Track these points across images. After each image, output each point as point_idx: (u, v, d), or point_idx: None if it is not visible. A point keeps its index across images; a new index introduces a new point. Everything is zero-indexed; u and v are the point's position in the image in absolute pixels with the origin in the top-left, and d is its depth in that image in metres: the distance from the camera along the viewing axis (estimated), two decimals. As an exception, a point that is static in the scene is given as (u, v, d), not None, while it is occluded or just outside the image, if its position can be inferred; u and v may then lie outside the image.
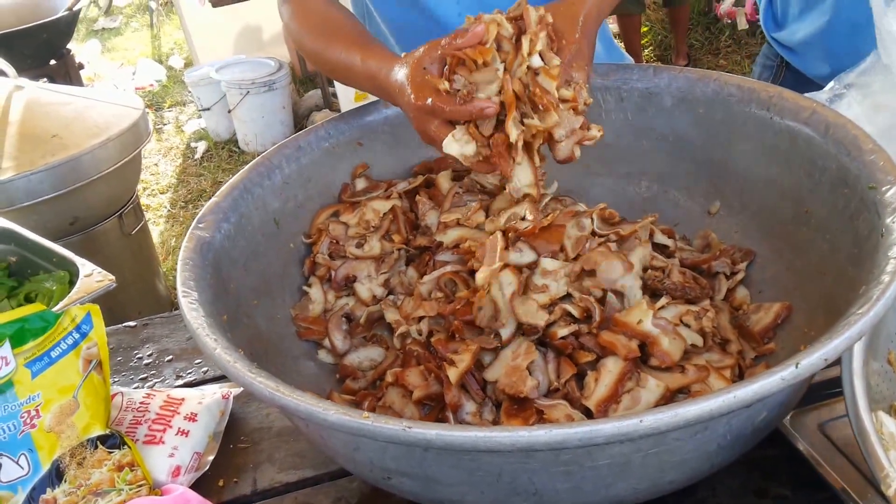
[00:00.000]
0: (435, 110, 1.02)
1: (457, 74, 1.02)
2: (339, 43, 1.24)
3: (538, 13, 1.03)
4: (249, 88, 4.87)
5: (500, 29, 1.02)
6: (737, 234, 1.15)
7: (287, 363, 1.10)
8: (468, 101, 1.00)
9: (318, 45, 1.28)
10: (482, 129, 1.04)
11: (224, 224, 1.06)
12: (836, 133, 0.98)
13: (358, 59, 1.19)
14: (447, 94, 1.01)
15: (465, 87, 1.01)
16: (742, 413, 0.74)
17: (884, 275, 0.76)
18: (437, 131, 1.04)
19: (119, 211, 2.85)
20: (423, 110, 1.03)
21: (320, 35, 1.28)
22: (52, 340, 0.94)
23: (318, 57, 1.30)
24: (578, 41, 1.04)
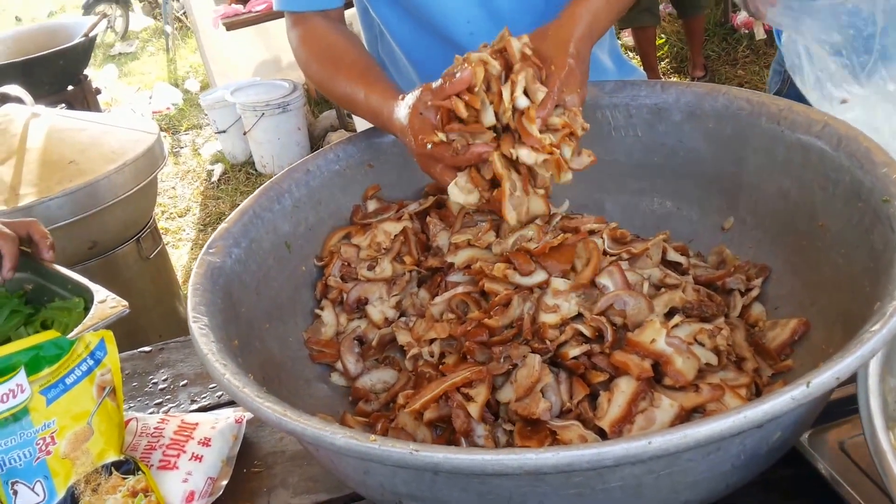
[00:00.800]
0: (436, 157, 1.07)
1: (451, 124, 1.06)
2: (343, 74, 1.28)
3: (521, 43, 1.05)
4: (264, 110, 4.93)
5: (488, 67, 1.04)
6: (751, 249, 1.15)
7: (300, 386, 1.11)
8: (466, 150, 1.04)
9: (324, 74, 1.32)
10: (483, 173, 1.07)
11: (234, 249, 1.08)
12: (849, 146, 0.98)
13: (361, 93, 1.23)
14: (444, 143, 1.06)
15: (459, 136, 1.06)
16: (755, 433, 0.74)
17: (898, 290, 0.76)
18: (443, 174, 1.09)
19: (137, 235, 2.88)
20: (426, 156, 1.09)
21: (326, 63, 1.32)
22: (66, 367, 0.96)
23: (323, 85, 1.34)
24: (569, 65, 1.06)
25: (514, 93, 1.03)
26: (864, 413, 0.77)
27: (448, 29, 1.43)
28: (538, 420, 0.95)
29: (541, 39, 1.09)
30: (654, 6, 4.83)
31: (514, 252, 1.14)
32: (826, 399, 0.85)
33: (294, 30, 1.40)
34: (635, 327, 1.00)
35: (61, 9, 11.86)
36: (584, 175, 1.32)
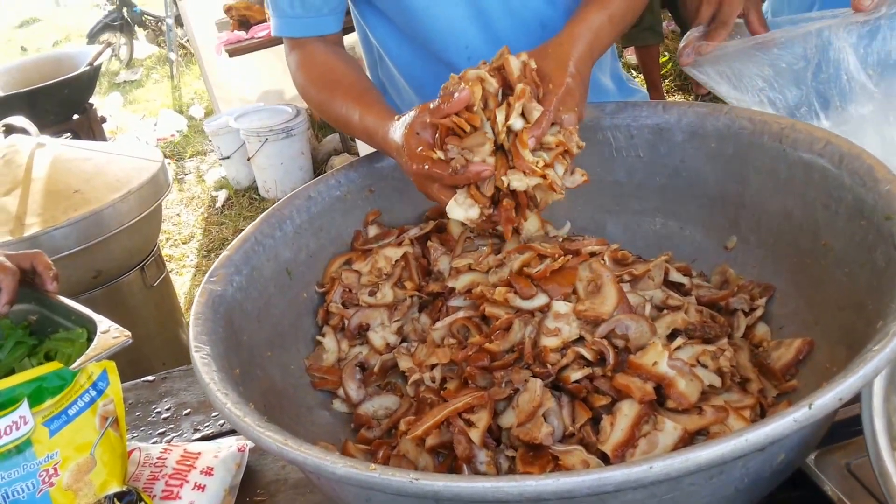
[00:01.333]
0: (433, 176, 1.07)
1: (449, 143, 1.06)
2: (340, 96, 1.29)
3: (520, 60, 1.06)
4: (267, 136, 4.97)
5: (485, 85, 1.05)
6: (755, 268, 1.15)
7: (302, 414, 1.11)
8: (464, 168, 1.04)
9: (321, 97, 1.34)
10: (483, 190, 1.07)
11: (236, 277, 1.09)
12: (851, 163, 0.98)
13: (357, 115, 1.25)
14: (441, 161, 1.05)
15: (458, 154, 1.05)
16: (758, 456, 0.74)
17: (900, 309, 0.76)
18: (439, 194, 1.09)
19: (141, 263, 2.90)
20: (422, 175, 1.08)
21: (323, 86, 1.33)
22: (69, 398, 0.97)
23: (320, 108, 1.36)
24: (567, 83, 1.07)
25: (509, 116, 1.04)
26: (868, 433, 0.77)
27: (447, 53, 1.44)
28: (540, 445, 0.95)
29: (541, 57, 1.10)
30: (658, 24, 4.85)
31: (515, 276, 1.15)
32: (831, 419, 0.85)
33: (292, 54, 1.42)
34: (637, 350, 1.00)
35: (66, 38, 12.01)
36: (585, 196, 1.33)
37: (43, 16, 14.03)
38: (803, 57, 1.22)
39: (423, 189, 1.12)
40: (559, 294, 1.10)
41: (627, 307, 1.06)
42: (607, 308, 1.06)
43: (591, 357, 1.01)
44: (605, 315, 1.05)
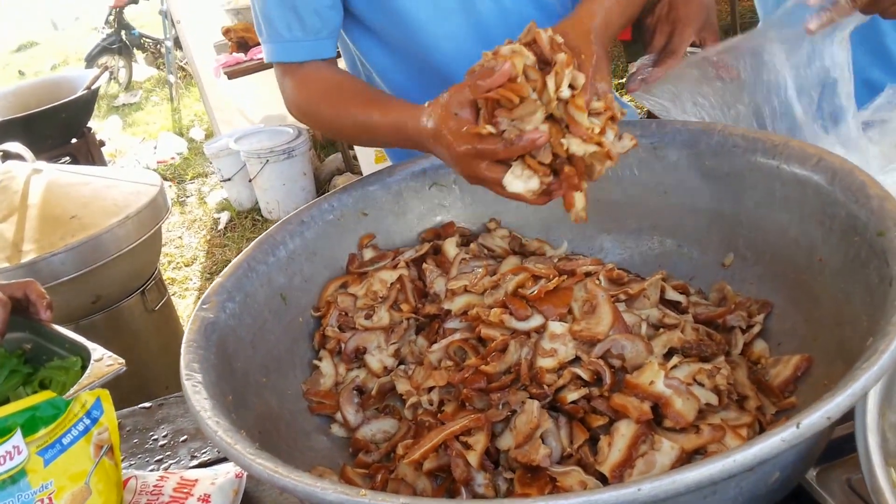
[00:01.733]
0: (484, 153, 1.03)
1: (498, 116, 1.02)
2: (352, 105, 1.27)
3: (548, 35, 1.04)
4: (268, 157, 4.99)
5: (523, 58, 1.02)
6: (752, 285, 1.16)
7: (299, 439, 1.12)
8: (519, 138, 1.00)
9: (330, 111, 1.31)
10: (541, 158, 1.04)
11: (229, 303, 1.10)
12: (844, 180, 1.00)
13: (377, 115, 1.22)
14: (492, 136, 1.02)
15: (510, 126, 1.02)
16: (750, 475, 0.74)
17: (889, 325, 0.77)
18: (489, 172, 1.04)
19: (141, 287, 2.91)
20: (469, 155, 1.04)
21: (330, 101, 1.31)
22: (63, 427, 0.97)
23: (332, 123, 1.33)
24: (596, 52, 1.07)
25: (559, 84, 1.01)
26: (862, 450, 0.78)
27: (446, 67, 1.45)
28: (538, 467, 0.96)
29: (563, 32, 1.08)
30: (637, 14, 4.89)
31: (511, 297, 1.16)
32: (827, 436, 0.86)
33: (286, 79, 1.40)
34: (634, 369, 1.01)
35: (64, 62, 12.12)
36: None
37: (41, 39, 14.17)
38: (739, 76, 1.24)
39: (468, 170, 1.07)
40: (555, 315, 1.11)
41: (623, 327, 1.07)
42: (603, 328, 1.07)
43: (588, 377, 1.02)
44: (601, 335, 1.06)
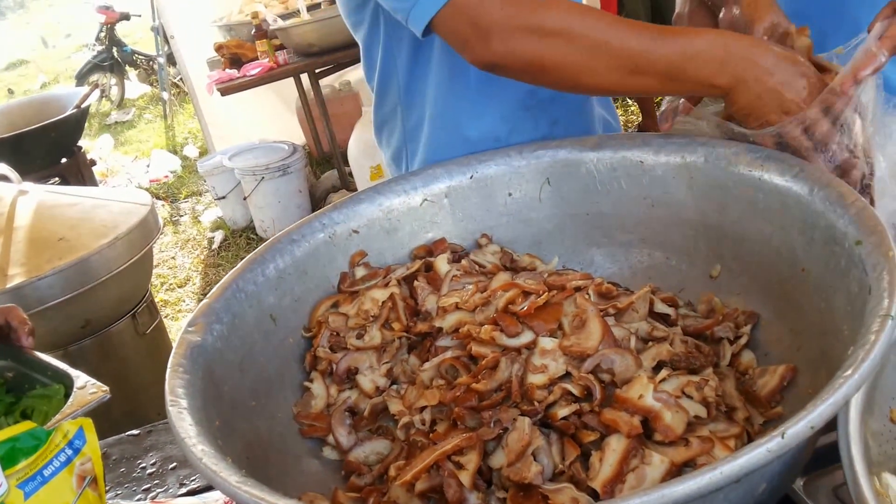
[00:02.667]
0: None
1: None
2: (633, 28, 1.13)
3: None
4: (263, 174, 5.02)
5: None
6: (739, 296, 1.19)
7: (289, 463, 1.14)
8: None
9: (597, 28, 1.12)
10: None
11: (216, 325, 1.12)
12: (823, 189, 1.02)
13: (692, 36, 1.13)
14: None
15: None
16: (737, 487, 0.76)
17: (870, 334, 0.79)
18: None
19: (132, 310, 2.92)
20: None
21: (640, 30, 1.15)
22: (44, 458, 0.97)
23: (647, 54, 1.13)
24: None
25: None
26: (846, 459, 0.80)
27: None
28: (530, 485, 0.98)
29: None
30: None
31: (501, 314, 1.19)
32: (812, 445, 0.88)
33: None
34: (623, 383, 1.03)
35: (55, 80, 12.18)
36: (572, 229, 1.38)
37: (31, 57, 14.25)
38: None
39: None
40: (545, 330, 1.14)
41: (612, 341, 1.09)
42: (592, 343, 1.09)
43: (578, 392, 1.04)
44: (591, 350, 1.08)
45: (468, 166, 1.44)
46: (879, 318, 0.80)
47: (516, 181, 1.43)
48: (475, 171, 1.43)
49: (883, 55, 1.11)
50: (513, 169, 1.43)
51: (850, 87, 1.11)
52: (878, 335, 0.78)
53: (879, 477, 0.84)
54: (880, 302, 0.82)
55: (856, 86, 1.11)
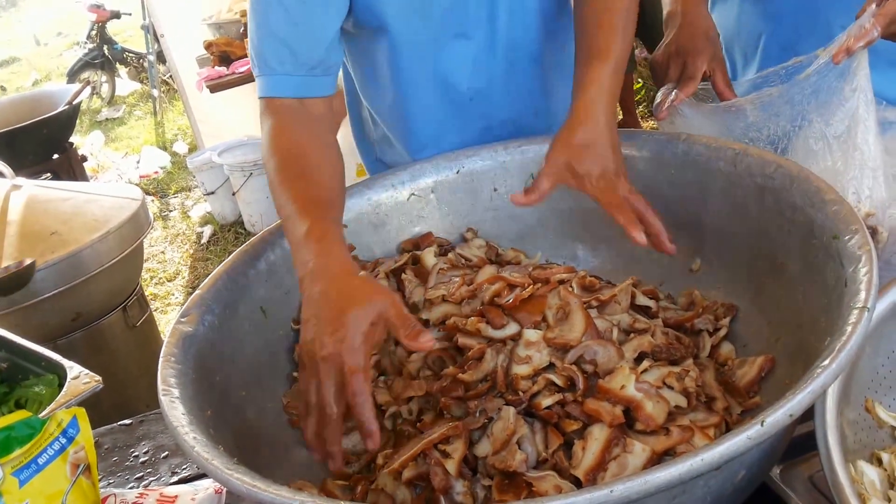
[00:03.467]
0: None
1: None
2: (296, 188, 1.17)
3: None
4: (252, 170, 4.99)
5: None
6: (719, 289, 1.19)
7: (278, 452, 1.13)
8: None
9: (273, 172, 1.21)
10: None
11: (208, 316, 1.11)
12: (801, 185, 1.03)
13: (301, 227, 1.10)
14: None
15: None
16: (717, 474, 0.77)
17: (846, 325, 0.80)
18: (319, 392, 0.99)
19: (123, 303, 2.90)
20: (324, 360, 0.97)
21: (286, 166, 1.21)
22: (38, 447, 0.96)
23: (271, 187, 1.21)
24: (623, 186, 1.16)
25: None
26: (822, 447, 0.80)
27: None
28: (515, 473, 0.98)
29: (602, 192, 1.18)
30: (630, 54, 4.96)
31: (487, 306, 1.18)
32: (790, 434, 0.89)
33: (268, 119, 1.28)
34: (606, 374, 1.03)
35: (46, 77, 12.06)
36: (556, 224, 1.38)
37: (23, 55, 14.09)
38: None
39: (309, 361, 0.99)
40: (529, 322, 1.13)
41: (595, 333, 1.09)
42: (575, 334, 1.09)
43: (562, 383, 1.04)
44: (574, 342, 1.08)
45: (455, 161, 1.43)
46: (856, 310, 0.81)
47: (502, 176, 1.43)
48: (461, 166, 1.43)
49: (876, 30, 1.14)
50: (498, 164, 1.43)
51: (843, 58, 1.16)
52: (855, 327, 0.79)
53: (855, 465, 0.84)
54: (857, 294, 0.83)
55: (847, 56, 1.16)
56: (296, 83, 1.28)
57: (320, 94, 1.30)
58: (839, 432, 0.82)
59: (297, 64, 1.27)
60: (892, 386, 0.98)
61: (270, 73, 1.28)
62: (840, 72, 1.19)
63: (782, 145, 1.27)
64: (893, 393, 0.98)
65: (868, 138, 1.17)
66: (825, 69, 1.20)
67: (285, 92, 1.28)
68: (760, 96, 1.29)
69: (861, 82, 1.18)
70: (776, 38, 1.54)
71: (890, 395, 0.97)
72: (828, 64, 1.19)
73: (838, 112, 1.20)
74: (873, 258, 0.86)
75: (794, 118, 1.26)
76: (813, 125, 1.23)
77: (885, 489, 0.84)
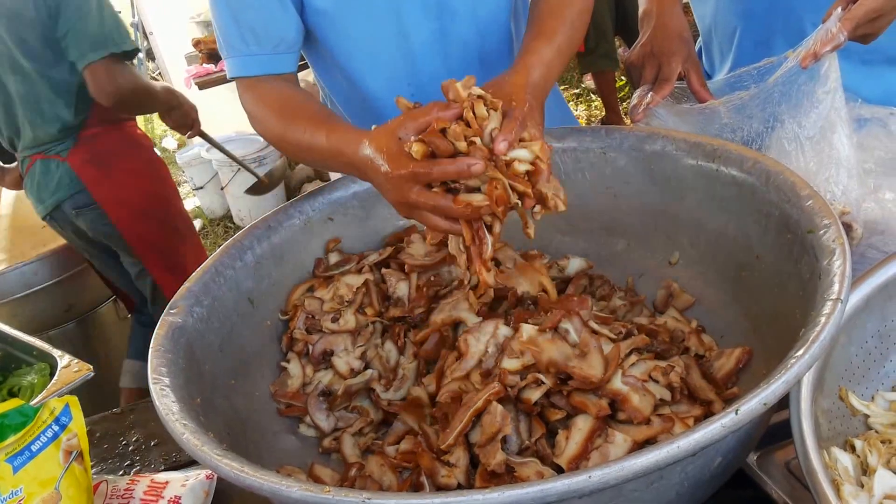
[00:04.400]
0: (418, 176, 0.99)
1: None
2: (301, 122, 1.24)
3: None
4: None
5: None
6: (697, 281, 1.19)
7: (267, 439, 1.12)
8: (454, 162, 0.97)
9: (280, 126, 1.28)
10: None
11: (196, 308, 1.10)
12: (776, 180, 1.03)
13: (323, 137, 1.18)
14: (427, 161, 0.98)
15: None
16: (694, 461, 0.76)
17: (820, 317, 0.80)
18: (420, 196, 1.00)
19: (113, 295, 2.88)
20: (404, 178, 1.00)
21: (282, 116, 1.29)
22: (31, 434, 0.97)
23: (281, 138, 1.30)
24: (529, 101, 1.05)
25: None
26: (797, 435, 0.80)
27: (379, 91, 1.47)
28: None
29: (497, 87, 1.07)
30: (613, 52, 4.98)
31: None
32: (766, 422, 0.89)
33: (248, 93, 1.37)
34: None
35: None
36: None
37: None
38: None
39: (401, 195, 1.02)
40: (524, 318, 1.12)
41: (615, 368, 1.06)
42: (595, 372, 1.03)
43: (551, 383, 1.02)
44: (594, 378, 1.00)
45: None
46: (830, 302, 0.81)
47: (482, 171, 1.42)
48: (446, 161, 1.42)
49: (842, 34, 1.15)
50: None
51: (811, 62, 1.16)
52: (829, 318, 0.79)
53: (829, 451, 0.84)
54: (831, 286, 0.83)
55: (815, 61, 1.16)
56: (261, 62, 1.35)
57: (286, 71, 1.37)
58: (814, 420, 0.82)
59: (260, 44, 1.34)
60: (865, 375, 0.98)
61: (237, 54, 1.35)
62: (811, 74, 1.19)
63: (756, 146, 1.27)
64: (866, 382, 0.98)
65: (841, 139, 1.18)
66: (795, 72, 1.20)
67: (253, 70, 1.35)
68: (732, 99, 1.29)
69: (832, 84, 1.18)
70: (750, 34, 1.55)
71: (863, 384, 0.98)
72: (797, 67, 1.19)
73: (811, 114, 1.21)
74: (847, 251, 0.86)
75: (767, 120, 1.26)
76: (786, 126, 1.23)
77: (857, 475, 0.84)
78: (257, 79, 1.36)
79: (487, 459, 0.97)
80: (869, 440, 0.89)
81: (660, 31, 1.44)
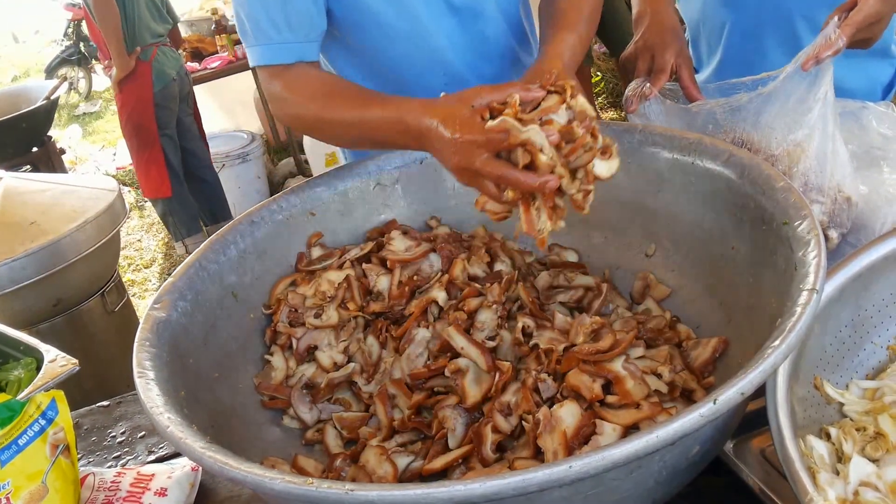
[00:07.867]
0: (490, 142, 0.97)
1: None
2: (347, 102, 1.23)
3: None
4: (224, 161, 4.93)
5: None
6: (674, 272, 1.18)
7: (251, 431, 1.10)
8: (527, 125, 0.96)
9: (317, 107, 1.26)
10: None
11: (180, 302, 1.07)
12: (751, 173, 1.02)
13: (377, 109, 1.16)
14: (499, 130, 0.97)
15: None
16: (672, 449, 0.75)
17: (796, 307, 0.79)
18: (486, 165, 0.98)
19: (101, 290, 2.84)
20: (475, 144, 0.98)
21: (320, 97, 1.27)
22: (18, 428, 0.95)
23: (318, 118, 1.27)
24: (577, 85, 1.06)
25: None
26: (773, 423, 0.80)
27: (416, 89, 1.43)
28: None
29: (537, 74, 1.10)
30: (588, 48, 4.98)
31: None
32: (742, 411, 0.88)
33: (276, 80, 1.32)
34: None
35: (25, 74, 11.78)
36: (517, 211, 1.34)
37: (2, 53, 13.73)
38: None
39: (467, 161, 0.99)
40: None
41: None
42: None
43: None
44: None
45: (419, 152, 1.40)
46: (805, 292, 0.80)
47: (465, 166, 1.40)
48: (426, 156, 1.40)
49: (841, 40, 1.15)
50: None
51: (812, 66, 1.16)
52: (805, 308, 0.78)
53: (804, 439, 0.83)
54: (806, 277, 0.82)
55: (816, 65, 1.16)
56: (295, 50, 1.31)
57: (315, 58, 1.35)
58: (789, 408, 0.81)
59: (293, 31, 1.31)
60: (840, 364, 0.98)
61: (267, 41, 1.32)
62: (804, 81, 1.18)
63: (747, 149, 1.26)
64: (841, 371, 0.97)
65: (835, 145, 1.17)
66: (793, 78, 1.19)
67: (285, 58, 1.31)
68: (730, 101, 1.28)
69: (825, 91, 1.17)
70: (738, 27, 1.54)
71: (837, 373, 0.97)
72: (795, 73, 1.18)
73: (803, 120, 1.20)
74: (822, 243, 0.85)
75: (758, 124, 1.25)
76: (776, 132, 1.22)
77: (833, 462, 0.84)
78: (285, 66, 1.32)
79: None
80: (844, 428, 0.88)
81: (653, 27, 1.44)
